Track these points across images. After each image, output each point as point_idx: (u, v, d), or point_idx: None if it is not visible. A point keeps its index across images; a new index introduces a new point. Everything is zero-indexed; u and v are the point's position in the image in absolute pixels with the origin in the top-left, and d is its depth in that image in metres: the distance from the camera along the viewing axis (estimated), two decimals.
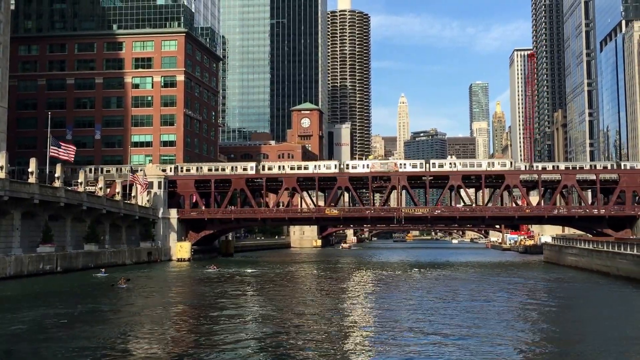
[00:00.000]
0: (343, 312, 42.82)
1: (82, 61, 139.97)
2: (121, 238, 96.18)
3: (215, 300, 49.65)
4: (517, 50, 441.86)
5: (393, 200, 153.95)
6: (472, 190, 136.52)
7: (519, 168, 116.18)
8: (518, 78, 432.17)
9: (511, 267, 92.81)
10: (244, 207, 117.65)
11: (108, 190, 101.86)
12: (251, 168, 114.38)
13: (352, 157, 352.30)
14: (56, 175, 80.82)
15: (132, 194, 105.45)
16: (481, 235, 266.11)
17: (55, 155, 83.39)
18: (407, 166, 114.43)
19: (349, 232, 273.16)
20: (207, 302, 48.05)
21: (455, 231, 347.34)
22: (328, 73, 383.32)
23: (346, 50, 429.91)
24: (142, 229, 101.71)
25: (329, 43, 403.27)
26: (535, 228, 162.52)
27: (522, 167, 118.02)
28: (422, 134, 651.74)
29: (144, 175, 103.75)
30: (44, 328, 34.74)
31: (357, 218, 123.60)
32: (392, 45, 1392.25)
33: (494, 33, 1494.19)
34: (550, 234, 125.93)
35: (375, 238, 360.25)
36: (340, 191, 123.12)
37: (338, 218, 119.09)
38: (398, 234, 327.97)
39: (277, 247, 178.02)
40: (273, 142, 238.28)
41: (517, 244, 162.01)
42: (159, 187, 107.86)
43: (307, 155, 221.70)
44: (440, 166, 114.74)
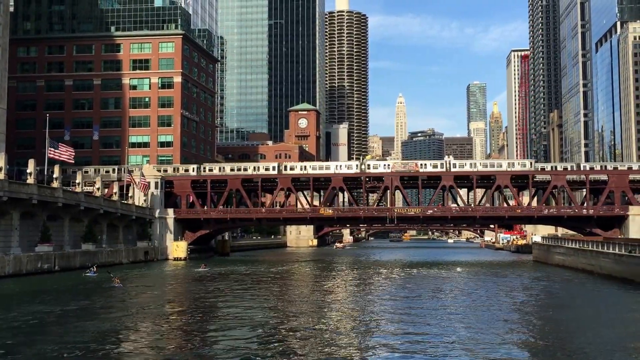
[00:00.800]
0: (319, 310, 44.04)
1: (81, 63, 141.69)
2: (118, 237, 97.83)
3: (202, 297, 51.83)
4: (514, 50, 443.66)
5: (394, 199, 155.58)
6: (467, 190, 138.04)
7: (538, 168, 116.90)
8: (515, 79, 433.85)
9: (498, 266, 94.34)
10: (240, 207, 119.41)
11: (106, 190, 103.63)
12: (273, 168, 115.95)
13: (350, 158, 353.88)
14: (54, 176, 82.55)
15: (130, 194, 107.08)
16: (477, 235, 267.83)
17: (53, 156, 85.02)
18: (428, 166, 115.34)
19: (346, 232, 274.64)
20: (195, 300, 50.22)
21: (451, 231, 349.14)
22: (326, 73, 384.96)
23: (344, 50, 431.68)
24: (139, 229, 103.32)
25: (327, 43, 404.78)
26: (529, 228, 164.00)
27: (545, 168, 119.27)
28: (420, 134, 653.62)
29: (142, 175, 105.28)
30: (39, 324, 36.58)
31: (351, 218, 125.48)
32: (391, 45, 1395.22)
33: (493, 34, 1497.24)
34: (543, 234, 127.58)
35: (372, 238, 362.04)
36: (334, 191, 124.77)
37: (332, 218, 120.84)
38: (394, 234, 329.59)
39: (274, 247, 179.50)
40: (270, 143, 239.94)
41: (510, 244, 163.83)
42: (156, 188, 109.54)
43: (304, 155, 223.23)
44: (460, 166, 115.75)
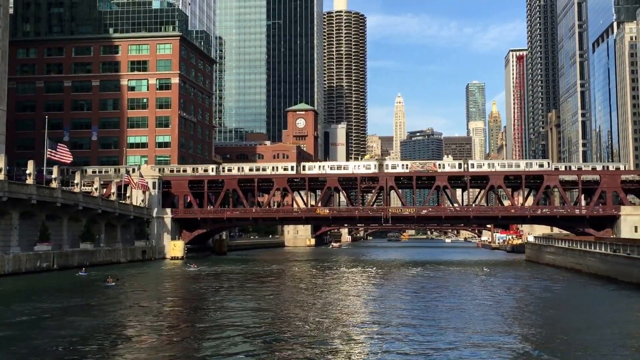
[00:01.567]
0: (300, 307, 45.43)
1: (79, 64, 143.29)
2: (116, 237, 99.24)
3: (189, 296, 54.45)
4: (513, 50, 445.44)
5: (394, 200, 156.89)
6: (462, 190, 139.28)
7: (556, 169, 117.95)
8: (513, 78, 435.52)
9: (490, 265, 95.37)
10: (237, 207, 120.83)
11: (104, 190, 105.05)
12: (292, 168, 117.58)
13: (348, 157, 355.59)
14: (53, 176, 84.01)
15: (127, 194, 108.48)
16: (475, 234, 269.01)
17: (52, 158, 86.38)
18: (446, 167, 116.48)
19: (344, 231, 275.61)
20: (181, 298, 52.49)
21: (450, 231, 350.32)
22: (324, 73, 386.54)
23: (342, 50, 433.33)
24: (137, 228, 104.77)
25: (325, 44, 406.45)
26: (525, 228, 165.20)
27: (562, 168, 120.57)
28: (419, 134, 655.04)
29: (140, 176, 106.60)
30: (36, 319, 38.21)
31: (346, 217, 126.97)
32: (390, 45, 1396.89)
33: (492, 33, 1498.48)
34: (538, 234, 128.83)
35: (370, 237, 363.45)
36: (330, 191, 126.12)
37: (328, 218, 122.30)
38: (392, 234, 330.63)
39: (271, 246, 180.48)
40: (268, 143, 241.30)
41: (506, 243, 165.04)
42: (154, 188, 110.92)
43: (302, 155, 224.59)
44: (479, 166, 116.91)
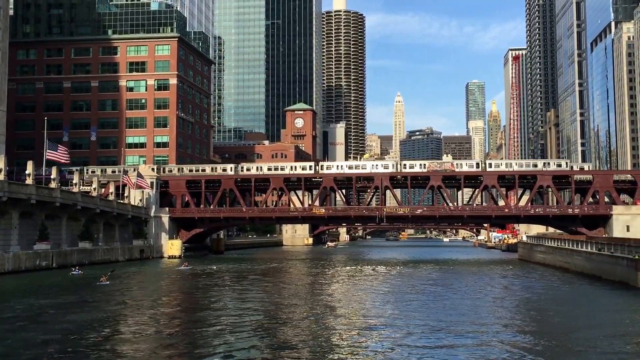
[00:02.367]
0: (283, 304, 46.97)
1: (79, 65, 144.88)
2: (114, 236, 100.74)
3: (179, 293, 56.43)
4: (512, 49, 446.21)
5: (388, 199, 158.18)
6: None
7: (581, 168, 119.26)
8: (512, 78, 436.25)
9: (483, 264, 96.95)
10: (234, 207, 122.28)
11: (102, 190, 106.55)
12: (310, 167, 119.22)
13: (347, 157, 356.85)
14: (52, 177, 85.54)
15: (126, 194, 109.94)
16: (473, 234, 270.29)
17: (51, 158, 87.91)
18: (464, 166, 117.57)
19: (342, 231, 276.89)
20: (169, 296, 54.07)
21: (448, 230, 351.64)
22: (323, 73, 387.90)
23: (341, 50, 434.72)
24: (135, 228, 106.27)
25: (324, 43, 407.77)
26: (522, 227, 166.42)
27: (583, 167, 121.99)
28: (418, 133, 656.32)
29: (138, 176, 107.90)
30: (32, 315, 39.96)
31: (342, 217, 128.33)
32: (390, 44, 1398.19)
33: (492, 32, 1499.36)
34: (534, 233, 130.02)
35: (369, 237, 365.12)
36: (325, 191, 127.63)
37: (324, 217, 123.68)
38: (391, 233, 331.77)
39: (269, 245, 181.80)
40: (267, 142, 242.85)
41: (501, 243, 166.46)
42: (152, 187, 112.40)
43: (300, 155, 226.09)
44: (496, 166, 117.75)
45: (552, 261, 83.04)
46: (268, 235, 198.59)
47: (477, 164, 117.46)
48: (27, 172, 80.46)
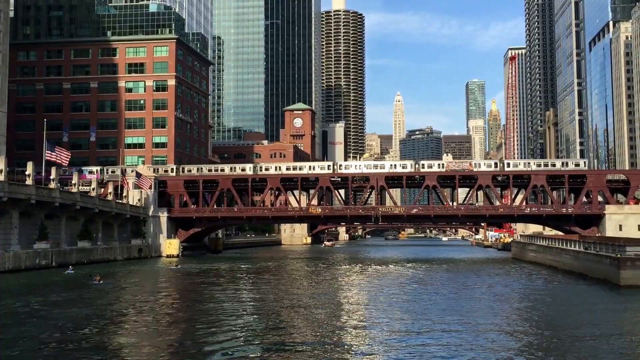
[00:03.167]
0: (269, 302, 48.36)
1: (78, 66, 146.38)
2: (113, 235, 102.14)
3: (172, 291, 58.04)
4: (512, 49, 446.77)
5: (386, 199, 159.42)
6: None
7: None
8: (510, 77, 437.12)
9: (476, 263, 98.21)
10: (232, 206, 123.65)
11: (101, 190, 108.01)
12: (328, 167, 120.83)
13: (346, 156, 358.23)
14: (51, 177, 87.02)
15: (124, 194, 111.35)
16: (472, 232, 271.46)
17: (50, 159, 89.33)
18: (482, 166, 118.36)
19: (342, 230, 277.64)
20: (160, 294, 55.46)
21: (448, 229, 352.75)
22: (322, 73, 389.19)
23: (340, 49, 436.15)
24: (134, 227, 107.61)
25: (324, 43, 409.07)
26: (519, 226, 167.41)
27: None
28: (418, 132, 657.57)
29: (137, 177, 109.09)
30: (29, 310, 41.57)
31: (338, 216, 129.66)
32: (390, 43, 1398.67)
33: (492, 31, 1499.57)
34: (530, 232, 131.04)
35: (369, 236, 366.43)
36: (322, 191, 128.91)
37: (320, 216, 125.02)
38: (390, 232, 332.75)
39: (268, 245, 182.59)
40: (266, 142, 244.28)
41: (497, 242, 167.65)
42: (150, 188, 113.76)
43: (299, 154, 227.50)
44: (515, 166, 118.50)
45: (543, 260, 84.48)
46: (267, 234, 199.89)
47: (496, 164, 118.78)
48: (27, 173, 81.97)
